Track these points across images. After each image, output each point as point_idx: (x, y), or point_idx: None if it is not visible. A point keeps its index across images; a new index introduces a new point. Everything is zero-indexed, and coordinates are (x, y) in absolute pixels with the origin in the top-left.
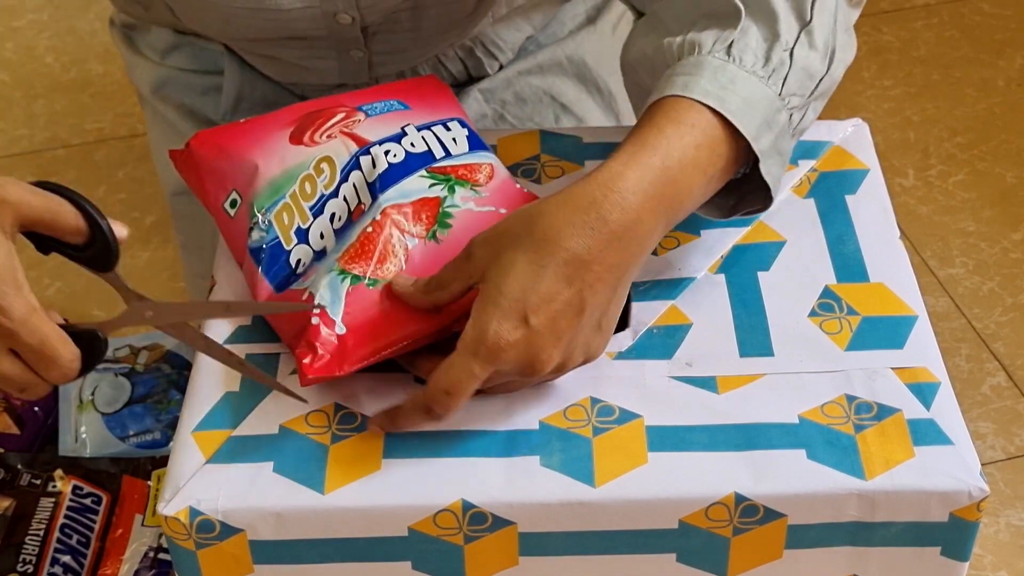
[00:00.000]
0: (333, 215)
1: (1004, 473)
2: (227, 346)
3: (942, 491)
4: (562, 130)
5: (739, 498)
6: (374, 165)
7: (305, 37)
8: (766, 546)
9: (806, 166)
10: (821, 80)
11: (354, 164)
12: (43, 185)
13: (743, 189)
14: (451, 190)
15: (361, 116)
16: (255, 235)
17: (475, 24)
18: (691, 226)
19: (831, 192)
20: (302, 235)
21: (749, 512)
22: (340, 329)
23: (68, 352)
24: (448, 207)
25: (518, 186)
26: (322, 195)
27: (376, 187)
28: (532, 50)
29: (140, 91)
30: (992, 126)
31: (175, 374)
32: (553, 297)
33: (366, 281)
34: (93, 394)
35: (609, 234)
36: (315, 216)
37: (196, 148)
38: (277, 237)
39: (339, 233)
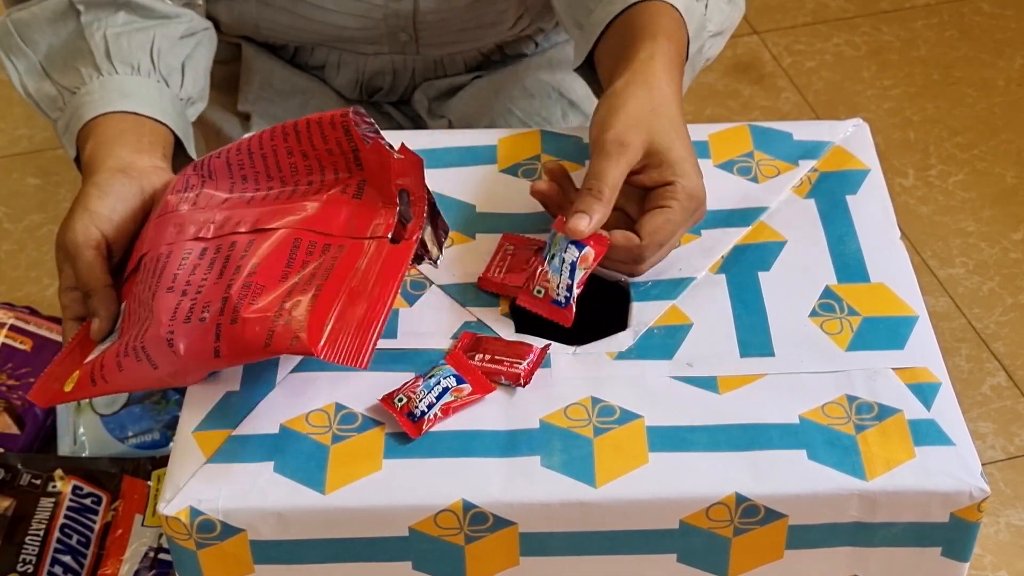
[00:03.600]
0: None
1: (1004, 473)
2: None
3: (943, 491)
4: (563, 130)
5: (740, 498)
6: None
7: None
8: (767, 546)
9: (806, 166)
10: (725, 17)
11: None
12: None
13: None
14: None
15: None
16: None
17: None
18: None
19: (832, 192)
20: None
21: (750, 512)
22: None
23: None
24: None
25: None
26: None
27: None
28: (545, 46)
29: None
30: (992, 126)
31: None
32: (690, 142)
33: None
34: None
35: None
36: None
37: None
38: None
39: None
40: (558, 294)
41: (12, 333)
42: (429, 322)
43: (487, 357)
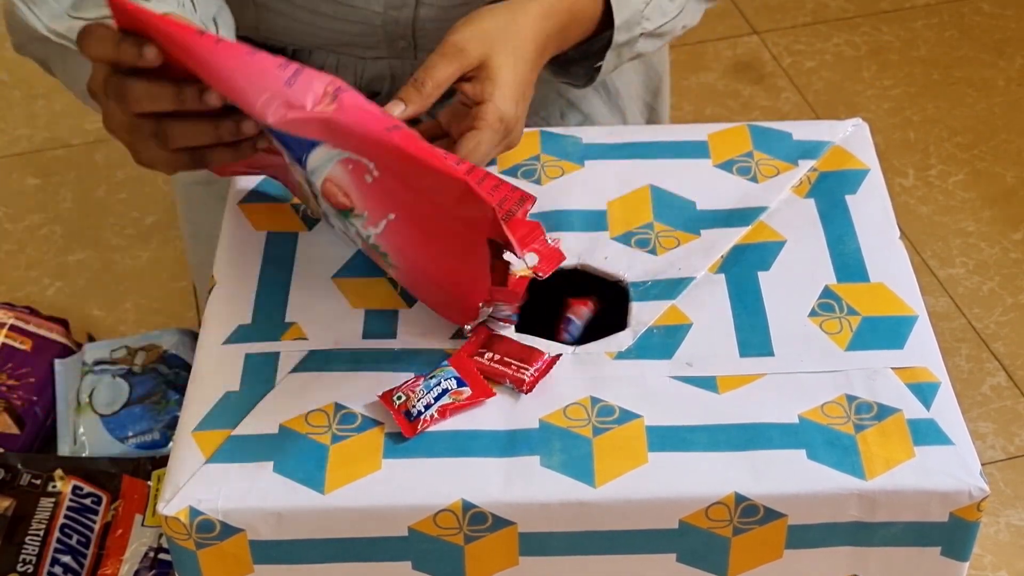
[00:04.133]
0: None
1: (1004, 473)
2: (226, 346)
3: (942, 491)
4: (562, 130)
5: (739, 498)
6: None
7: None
8: (766, 546)
9: (806, 166)
10: (668, 21)
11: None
12: None
13: (571, 67)
14: None
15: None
16: None
17: None
18: (691, 226)
19: (831, 192)
20: None
21: (749, 512)
22: None
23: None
24: None
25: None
26: None
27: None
28: None
29: None
30: (992, 126)
31: (172, 375)
32: (529, 84)
33: None
34: (91, 396)
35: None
36: None
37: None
38: None
39: None
40: (413, 407)
41: (12, 333)
42: (429, 322)
43: (496, 357)
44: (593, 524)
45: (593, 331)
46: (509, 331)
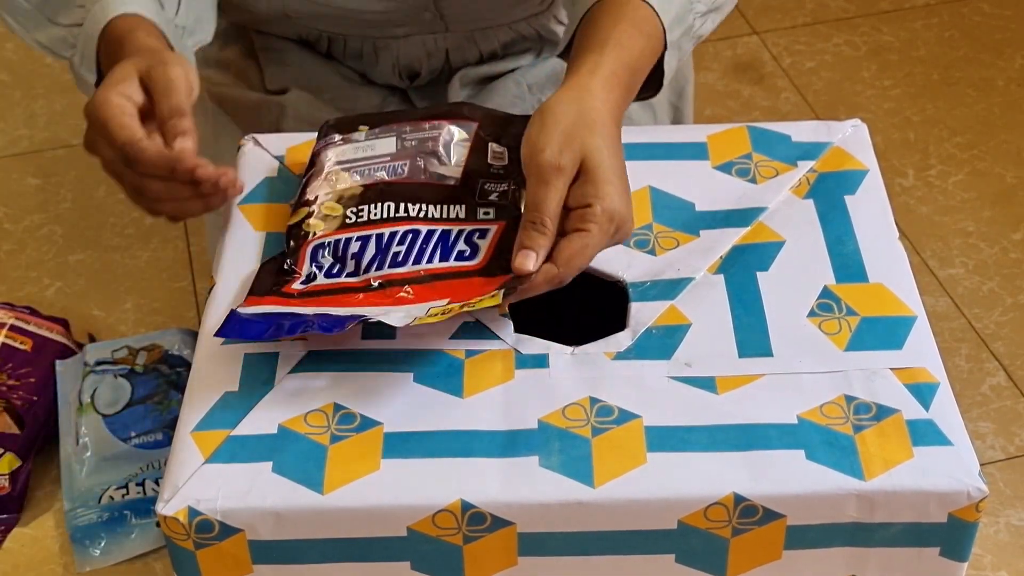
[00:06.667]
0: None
1: (1004, 473)
2: (225, 346)
3: (941, 491)
4: None
5: (738, 498)
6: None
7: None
8: (765, 547)
9: (805, 167)
10: None
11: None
12: None
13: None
14: None
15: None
16: None
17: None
18: (690, 226)
19: (830, 193)
20: None
21: (748, 512)
22: None
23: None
24: None
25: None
26: None
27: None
28: None
29: None
30: (992, 126)
31: (174, 375)
32: (624, 165)
33: None
34: (93, 396)
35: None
36: None
37: None
38: None
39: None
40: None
41: (12, 333)
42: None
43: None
44: (592, 524)
45: (593, 331)
46: (502, 331)
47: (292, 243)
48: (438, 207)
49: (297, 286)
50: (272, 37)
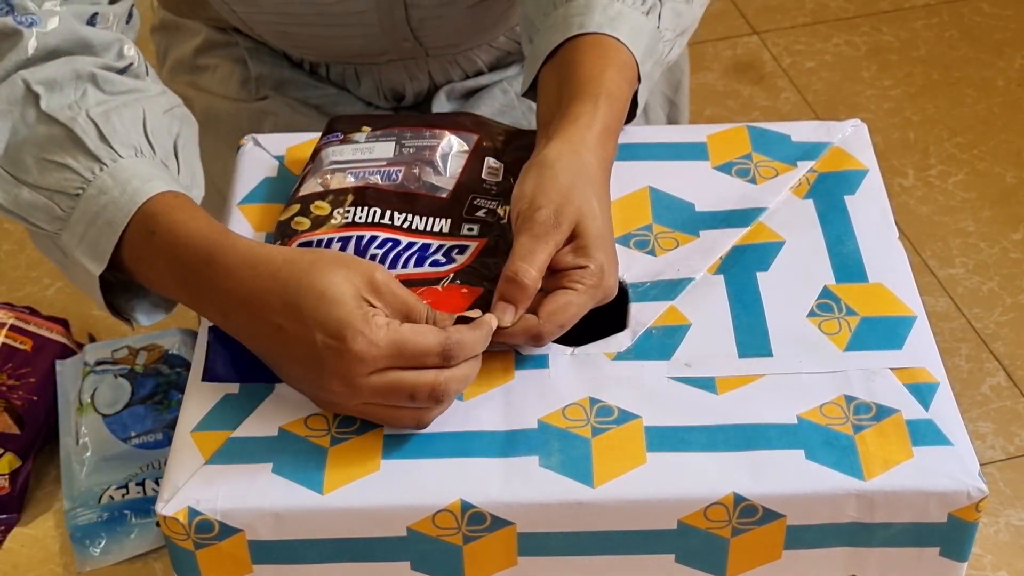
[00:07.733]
0: None
1: (1004, 473)
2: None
3: (941, 492)
4: None
5: (738, 498)
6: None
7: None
8: (765, 547)
9: (805, 167)
10: (683, 17)
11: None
12: None
13: None
14: None
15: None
16: None
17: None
18: (690, 227)
19: (830, 193)
20: None
21: (748, 512)
22: None
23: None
24: None
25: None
26: None
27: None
28: None
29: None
30: (992, 126)
31: (174, 375)
32: (612, 232)
33: None
34: (93, 396)
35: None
36: None
37: None
38: None
39: None
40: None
41: (12, 333)
42: None
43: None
44: (592, 524)
45: (593, 332)
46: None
47: (280, 239)
48: (423, 219)
49: None
50: (261, 45)
